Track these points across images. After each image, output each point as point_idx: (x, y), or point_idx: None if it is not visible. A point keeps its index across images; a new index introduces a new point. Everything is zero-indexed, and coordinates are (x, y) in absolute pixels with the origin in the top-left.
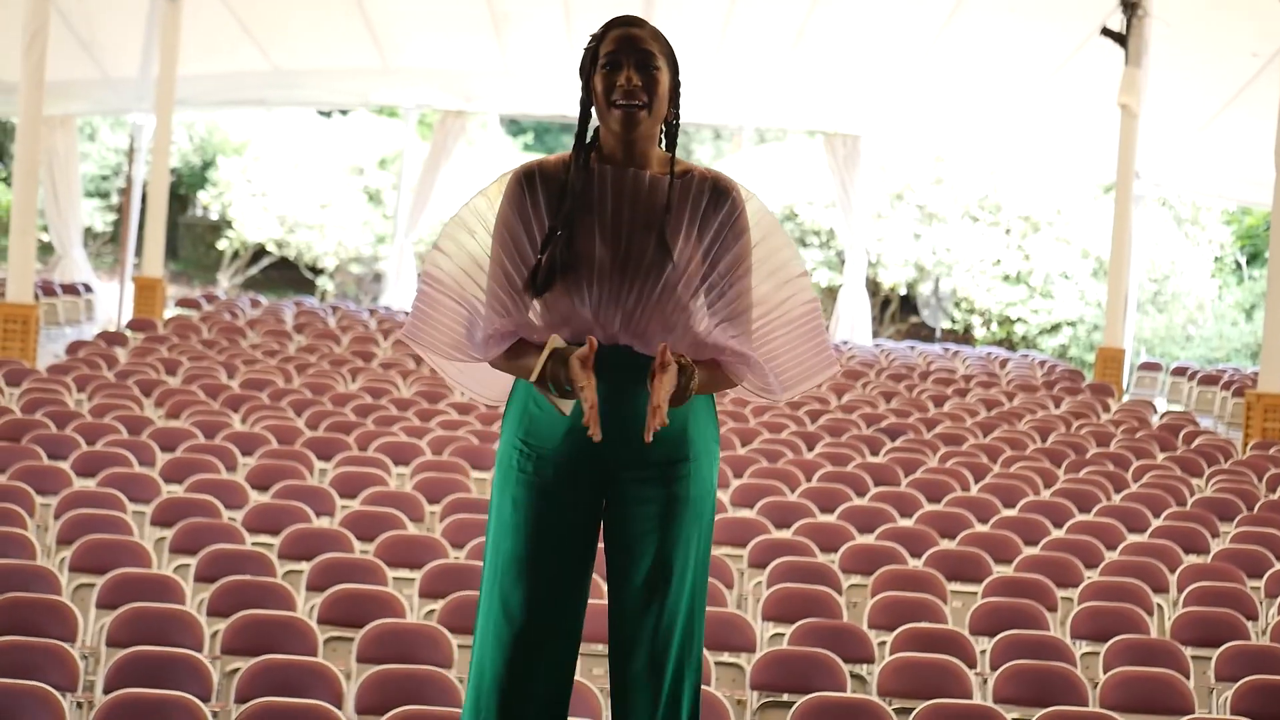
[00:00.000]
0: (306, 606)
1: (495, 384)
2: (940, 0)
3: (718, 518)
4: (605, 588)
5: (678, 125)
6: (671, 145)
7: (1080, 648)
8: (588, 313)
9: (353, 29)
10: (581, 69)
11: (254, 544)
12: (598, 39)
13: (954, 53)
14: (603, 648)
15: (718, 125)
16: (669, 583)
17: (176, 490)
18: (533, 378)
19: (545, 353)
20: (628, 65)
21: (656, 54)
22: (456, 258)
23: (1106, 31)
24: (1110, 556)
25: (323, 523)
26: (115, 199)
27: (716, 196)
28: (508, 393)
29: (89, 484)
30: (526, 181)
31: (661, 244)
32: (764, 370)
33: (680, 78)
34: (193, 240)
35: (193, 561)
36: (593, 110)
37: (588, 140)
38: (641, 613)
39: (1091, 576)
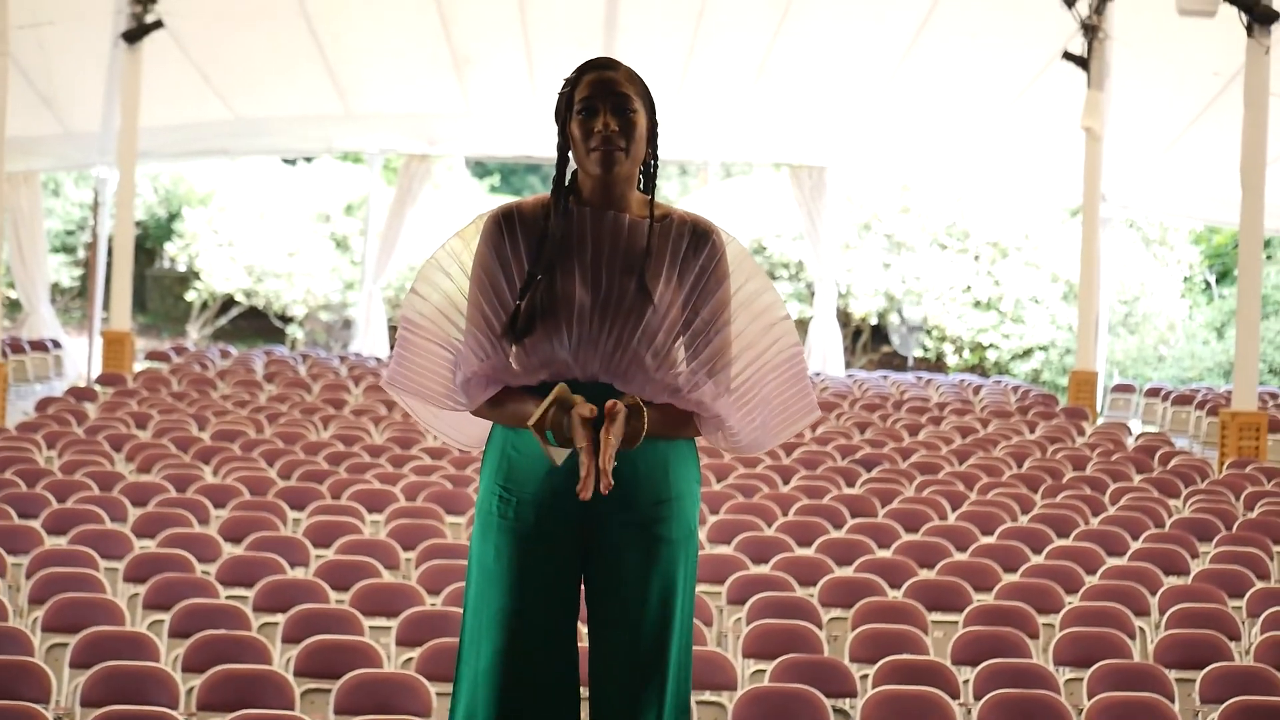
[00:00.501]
0: (283, 659)
1: (472, 429)
2: (901, 29)
3: None
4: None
5: (656, 166)
6: (649, 187)
7: (1063, 674)
8: (566, 354)
9: (314, 76)
10: (557, 113)
11: (228, 597)
12: (572, 83)
13: (917, 81)
14: None
15: (683, 161)
16: (655, 626)
17: (149, 545)
18: (531, 422)
19: (551, 398)
20: (604, 110)
21: (633, 96)
22: (434, 301)
23: (1068, 55)
24: (1090, 581)
25: (297, 573)
26: (81, 254)
27: (697, 240)
28: (484, 438)
29: (60, 542)
30: (505, 223)
31: (641, 287)
32: (739, 434)
33: (657, 117)
34: (161, 292)
35: (166, 617)
36: (570, 154)
37: (565, 183)
38: (628, 657)
39: (1072, 602)
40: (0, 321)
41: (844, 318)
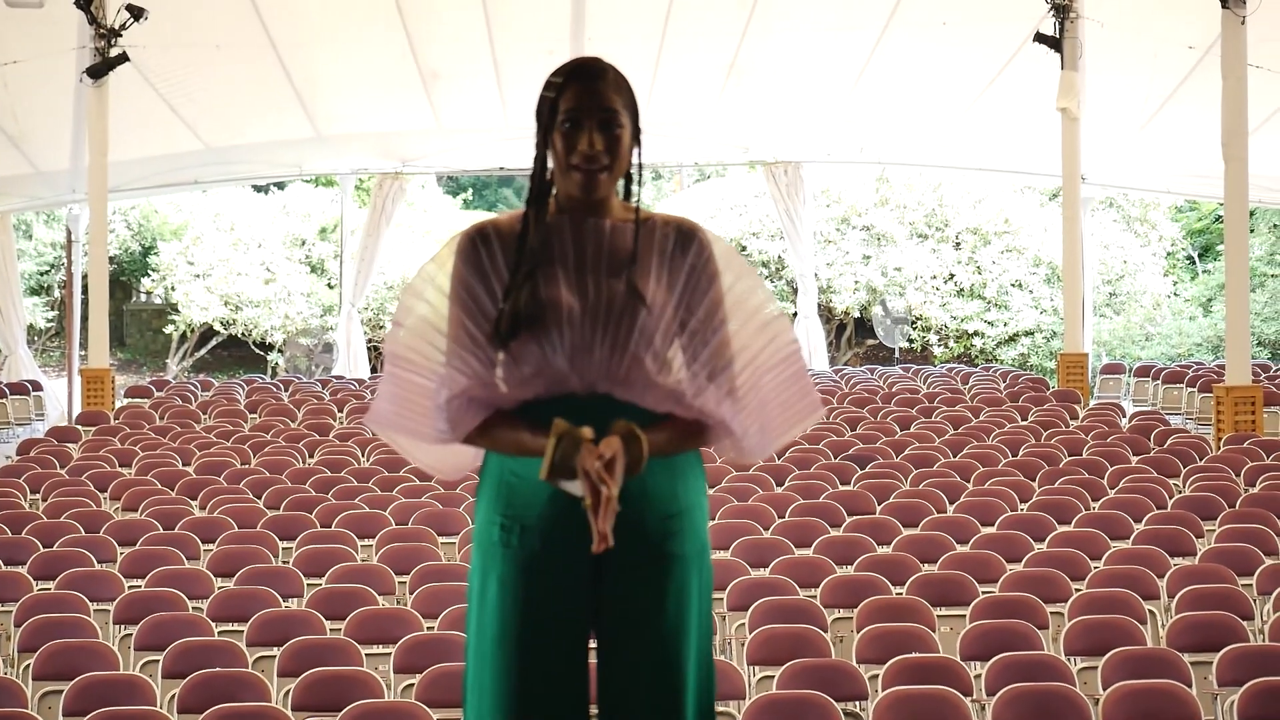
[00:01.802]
0: (280, 694)
1: (456, 459)
2: (871, 20)
3: None
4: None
5: (641, 172)
6: (629, 193)
7: (1076, 664)
8: (562, 362)
9: (282, 100)
10: (539, 115)
11: (221, 633)
12: (557, 90)
13: (889, 72)
14: None
15: (657, 165)
16: (671, 646)
17: (138, 585)
18: (543, 475)
19: (554, 438)
20: (590, 126)
21: (619, 109)
22: (414, 328)
23: (1040, 37)
24: (1096, 567)
25: (290, 605)
26: (56, 294)
27: (683, 240)
28: (466, 466)
29: (48, 587)
30: (481, 239)
31: (631, 290)
32: (745, 439)
33: (640, 124)
34: (139, 327)
35: (160, 657)
36: (549, 160)
37: (543, 189)
38: (647, 680)
39: (1080, 589)
40: None
41: (827, 313)
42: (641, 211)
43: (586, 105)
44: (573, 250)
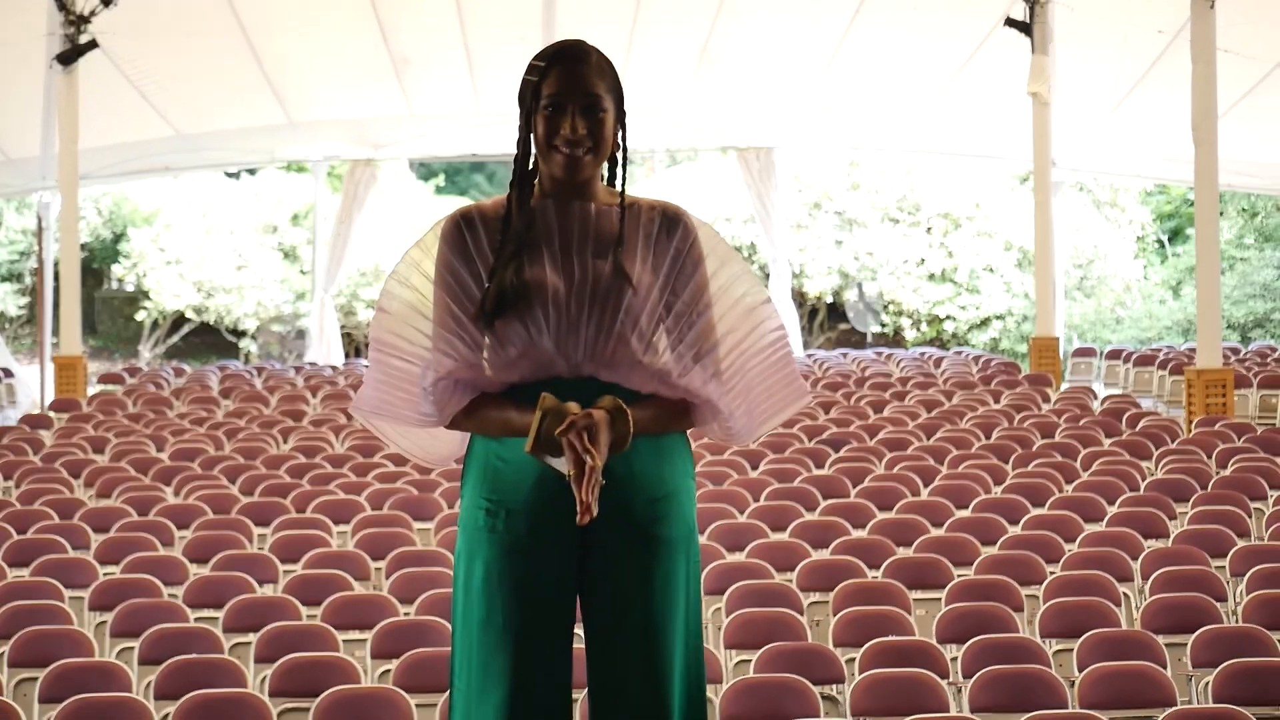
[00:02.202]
0: (257, 679)
1: (439, 446)
2: (842, 4)
3: None
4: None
5: (625, 156)
6: (613, 178)
7: (1051, 646)
8: (548, 342)
9: (253, 87)
10: (521, 98)
11: (197, 619)
12: (540, 74)
13: (859, 55)
14: None
15: (633, 150)
16: (659, 631)
17: (113, 572)
18: (528, 448)
19: (539, 413)
20: (572, 110)
21: (603, 94)
22: (399, 314)
23: (1010, 21)
24: (1070, 549)
25: (266, 591)
26: (28, 281)
27: (668, 224)
28: (451, 455)
29: (23, 574)
30: (465, 223)
31: (618, 270)
32: (732, 420)
33: (625, 107)
34: (110, 314)
35: (136, 644)
36: (531, 145)
37: (527, 172)
38: (635, 664)
39: (1054, 571)
40: None
41: (799, 298)
42: (626, 196)
43: (569, 89)
44: (558, 232)
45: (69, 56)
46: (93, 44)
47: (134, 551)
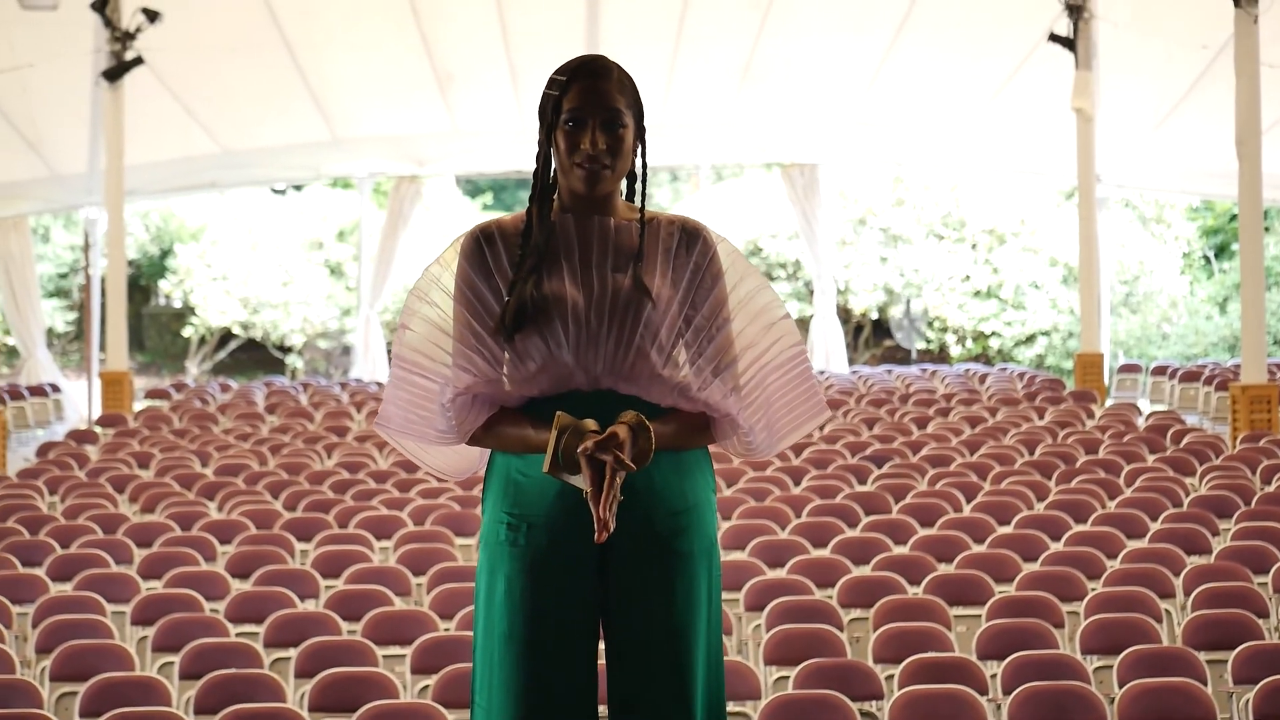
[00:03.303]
0: (296, 695)
1: (459, 460)
2: (885, 21)
3: None
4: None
5: (645, 172)
6: (632, 194)
7: (1092, 663)
8: (567, 356)
9: (299, 103)
10: (542, 113)
11: (238, 634)
12: (561, 88)
13: (904, 72)
14: None
15: (674, 167)
16: (680, 645)
17: (156, 586)
18: (545, 468)
19: (555, 431)
20: (593, 125)
21: (623, 109)
22: (420, 331)
23: (1054, 37)
24: (1112, 566)
25: (307, 606)
26: (76, 296)
27: (687, 239)
28: (469, 468)
29: (65, 588)
30: (485, 239)
31: (637, 284)
32: (751, 434)
33: (645, 123)
34: (158, 330)
35: (176, 659)
36: (552, 159)
37: (547, 187)
38: (655, 679)
39: (1095, 588)
40: None
41: (844, 314)
42: (646, 211)
43: (590, 105)
44: (577, 246)
45: (115, 73)
46: (138, 60)
47: (176, 566)
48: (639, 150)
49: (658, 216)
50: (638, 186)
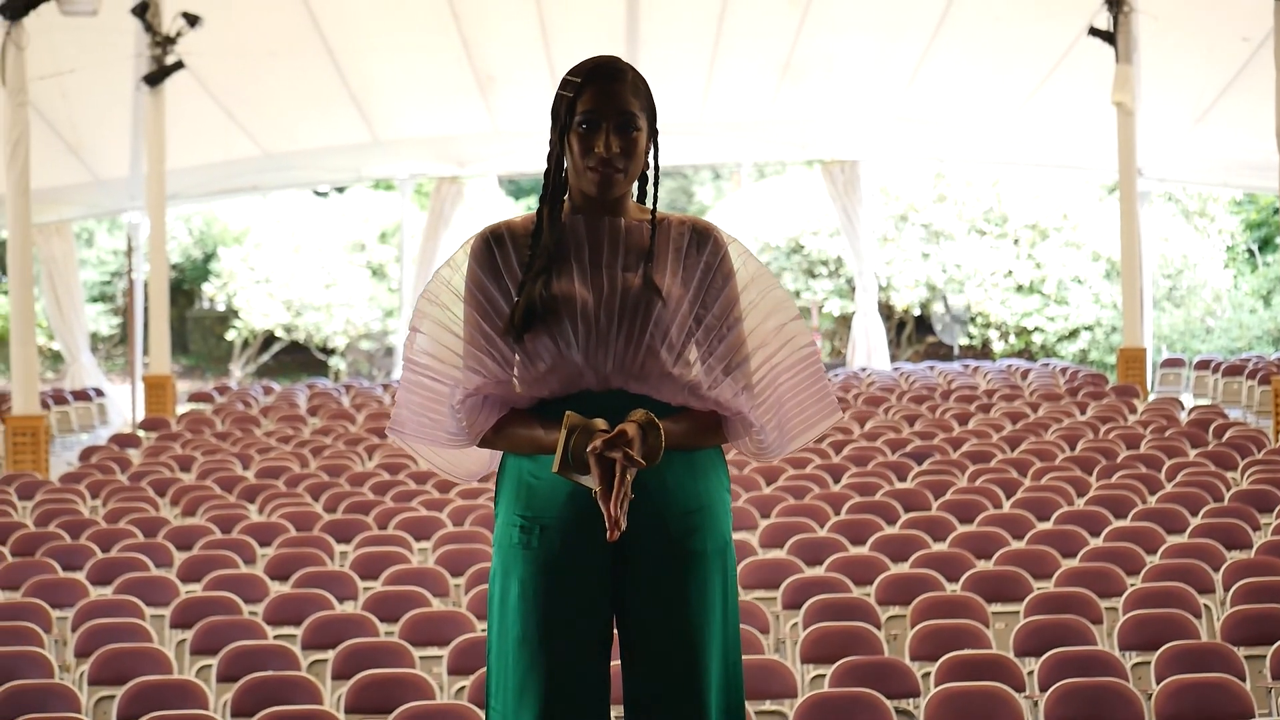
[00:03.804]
0: (333, 696)
1: (469, 462)
2: (926, 16)
3: (749, 561)
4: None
5: (657, 175)
6: (643, 195)
7: (1130, 659)
8: (576, 356)
9: (339, 106)
10: (555, 114)
11: (276, 637)
12: (575, 90)
13: (944, 68)
14: None
15: (715, 165)
16: (695, 646)
17: (195, 589)
18: (555, 468)
19: (564, 431)
20: (607, 128)
21: (637, 112)
22: (430, 333)
23: (1094, 31)
24: (1151, 561)
25: (346, 608)
26: (120, 301)
27: (698, 239)
28: (480, 471)
29: (105, 592)
30: (495, 240)
31: (648, 283)
32: (763, 434)
33: (657, 125)
34: (202, 333)
35: (214, 661)
36: (564, 160)
37: (559, 188)
38: (670, 679)
39: (1134, 584)
40: (42, 374)
41: (886, 311)
42: (657, 212)
43: (604, 107)
44: (588, 246)
45: (155, 77)
46: (179, 65)
47: (216, 569)
48: (651, 152)
49: (668, 217)
50: (649, 188)
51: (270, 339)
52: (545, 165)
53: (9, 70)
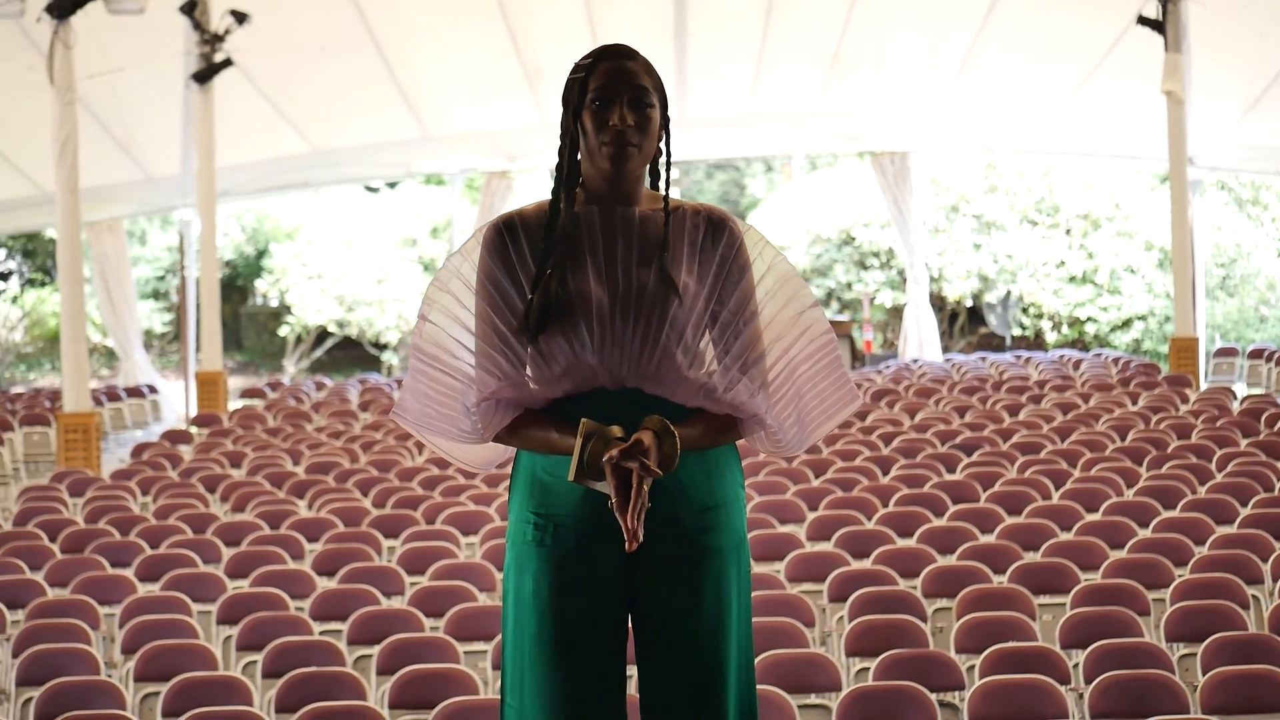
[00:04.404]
0: (378, 692)
1: (480, 451)
2: (974, 5)
3: (795, 554)
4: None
5: (669, 162)
6: (656, 182)
7: (1176, 651)
8: (591, 357)
9: (388, 101)
10: (566, 99)
11: (321, 632)
12: (586, 70)
13: (993, 58)
14: None
15: (766, 156)
16: (710, 644)
17: (242, 585)
18: (571, 476)
19: (580, 438)
20: (620, 103)
21: (650, 89)
22: (439, 323)
23: (1143, 20)
24: (1200, 552)
25: (393, 603)
26: (174, 298)
27: (713, 230)
28: (493, 460)
29: (153, 588)
30: (507, 230)
31: (664, 279)
32: (780, 431)
33: (669, 113)
34: (256, 329)
35: (259, 657)
36: (578, 145)
37: (572, 176)
38: (683, 680)
39: (1182, 574)
40: (95, 371)
41: (939, 302)
42: (671, 200)
43: (617, 83)
44: (602, 239)
45: (205, 75)
46: (228, 62)
47: (263, 565)
48: (664, 138)
49: (683, 205)
50: (662, 176)
51: (323, 334)
52: (558, 156)
53: (57, 69)
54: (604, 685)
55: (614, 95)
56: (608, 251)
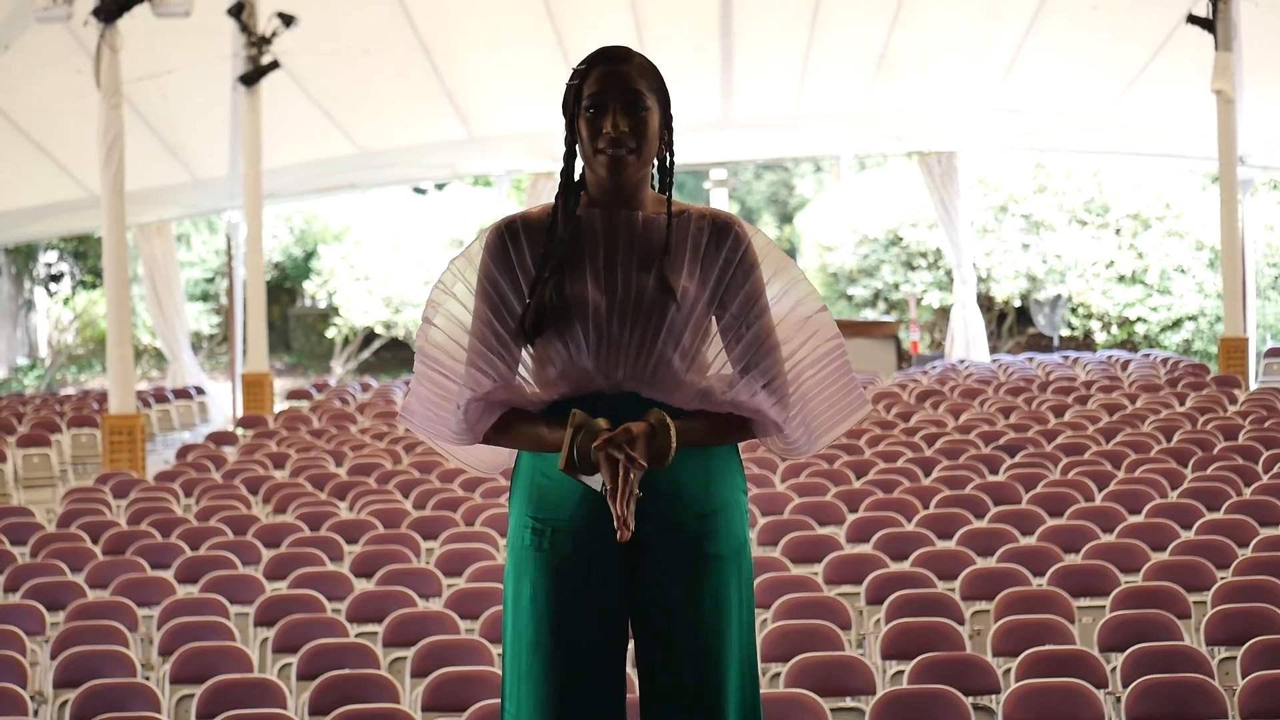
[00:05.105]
0: (412, 695)
1: (487, 455)
2: (1022, 5)
3: (833, 556)
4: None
5: (672, 163)
6: (664, 185)
7: (1216, 654)
8: (587, 361)
9: (435, 103)
10: (565, 107)
11: (357, 635)
12: (581, 76)
13: (1041, 58)
14: None
15: (813, 157)
16: (711, 651)
17: (280, 587)
18: (561, 465)
19: (570, 430)
20: (613, 109)
21: (645, 92)
22: (441, 326)
23: (1193, 18)
24: (1243, 554)
25: (430, 605)
26: (222, 300)
27: (718, 233)
28: (501, 464)
29: (191, 590)
30: (509, 233)
31: (663, 284)
32: (790, 430)
33: (672, 111)
34: (304, 331)
35: (294, 660)
36: (578, 151)
37: (574, 182)
38: (686, 683)
39: (1224, 577)
40: (145, 372)
41: (986, 302)
42: (676, 204)
43: (609, 88)
44: (603, 244)
45: (251, 77)
46: (275, 64)
47: (301, 567)
48: (666, 140)
49: (688, 209)
50: (668, 179)
51: (371, 336)
52: (561, 163)
53: (103, 72)
54: (602, 692)
55: (607, 101)
56: (607, 255)
